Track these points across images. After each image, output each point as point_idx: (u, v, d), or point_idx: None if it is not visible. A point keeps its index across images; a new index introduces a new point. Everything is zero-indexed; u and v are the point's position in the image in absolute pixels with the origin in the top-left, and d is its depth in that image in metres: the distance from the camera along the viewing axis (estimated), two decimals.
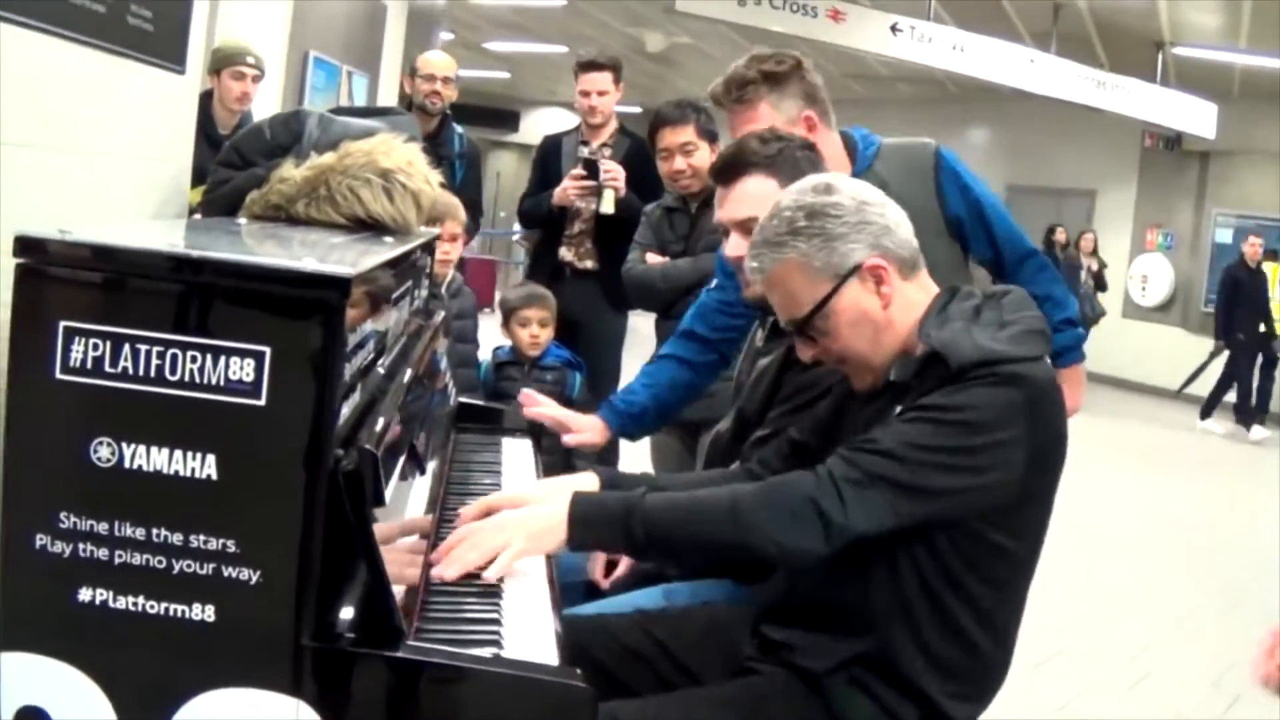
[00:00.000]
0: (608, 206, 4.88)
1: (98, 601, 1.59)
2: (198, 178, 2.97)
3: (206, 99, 4.94)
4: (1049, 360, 2.05)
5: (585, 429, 2.88)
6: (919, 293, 2.06)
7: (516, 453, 2.85)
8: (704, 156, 3.99)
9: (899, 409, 1.98)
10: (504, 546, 1.93)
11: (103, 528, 1.57)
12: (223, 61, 5.23)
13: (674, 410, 3.11)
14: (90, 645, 1.60)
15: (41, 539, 1.58)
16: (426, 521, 2.16)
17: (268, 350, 1.55)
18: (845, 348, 2.05)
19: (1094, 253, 14.12)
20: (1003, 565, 1.99)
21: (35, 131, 2.18)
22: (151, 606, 1.58)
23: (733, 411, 2.74)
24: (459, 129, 5.53)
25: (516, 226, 10.14)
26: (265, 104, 5.99)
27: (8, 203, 2.00)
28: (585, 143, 5.14)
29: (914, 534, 1.94)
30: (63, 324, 1.56)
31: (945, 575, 1.95)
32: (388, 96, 9.66)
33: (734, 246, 2.49)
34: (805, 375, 2.49)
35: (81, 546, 1.58)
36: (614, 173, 4.87)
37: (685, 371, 3.03)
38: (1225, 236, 14.94)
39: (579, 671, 1.66)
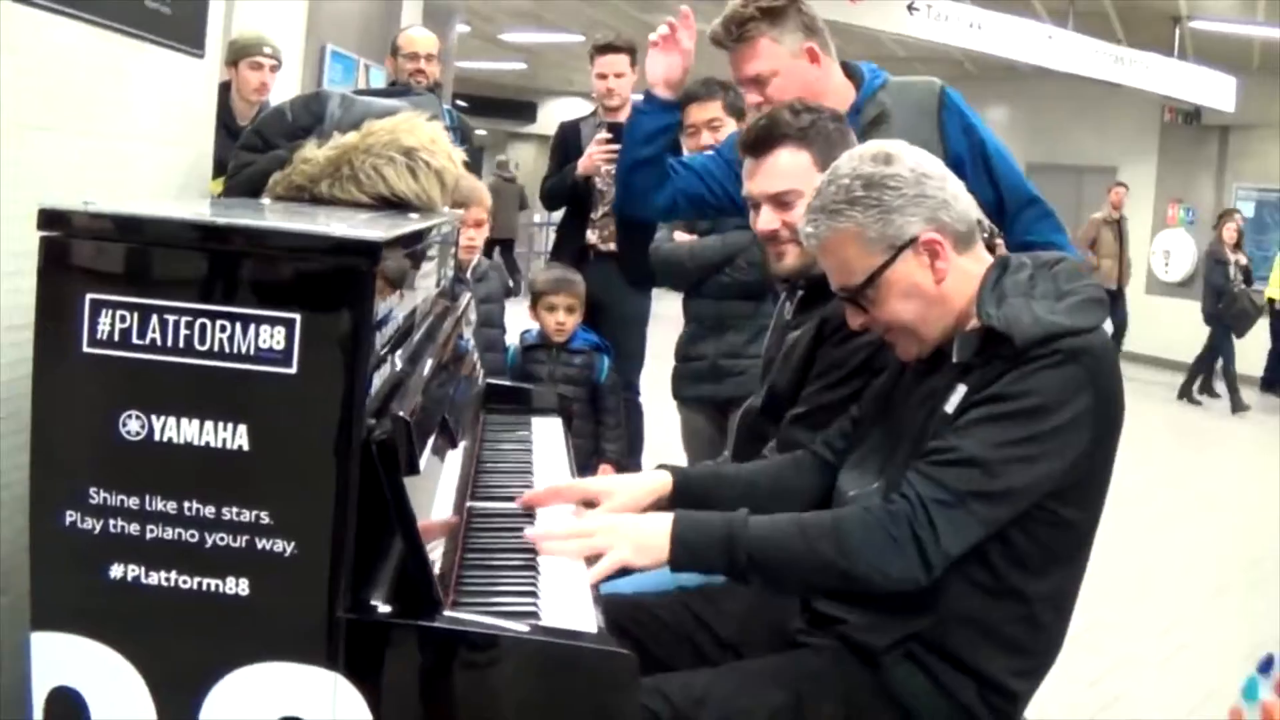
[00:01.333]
0: None
1: (129, 578, 1.57)
2: (217, 169, 2.94)
3: (225, 91, 4.92)
4: None
5: None
6: (975, 265, 2.03)
7: (547, 432, 2.83)
8: (730, 132, 3.94)
9: (961, 388, 1.95)
10: (608, 549, 1.93)
11: (133, 502, 1.56)
12: (240, 52, 5.21)
13: None
14: (122, 623, 1.58)
15: (71, 515, 1.56)
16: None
17: (298, 318, 1.54)
18: (894, 318, 2.02)
19: (1239, 245, 12.20)
20: (1067, 538, 1.97)
21: (52, 114, 2.15)
22: (184, 582, 1.56)
23: (763, 387, 2.71)
24: (446, 105, 5.46)
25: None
26: (284, 97, 5.97)
27: (25, 184, 1.98)
28: (603, 124, 5.10)
29: None
30: (89, 296, 1.55)
31: (1010, 553, 1.93)
32: None
33: (766, 220, 2.45)
34: (839, 350, 2.44)
35: (112, 522, 1.56)
36: None
37: None
38: (1247, 210, 14.81)
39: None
